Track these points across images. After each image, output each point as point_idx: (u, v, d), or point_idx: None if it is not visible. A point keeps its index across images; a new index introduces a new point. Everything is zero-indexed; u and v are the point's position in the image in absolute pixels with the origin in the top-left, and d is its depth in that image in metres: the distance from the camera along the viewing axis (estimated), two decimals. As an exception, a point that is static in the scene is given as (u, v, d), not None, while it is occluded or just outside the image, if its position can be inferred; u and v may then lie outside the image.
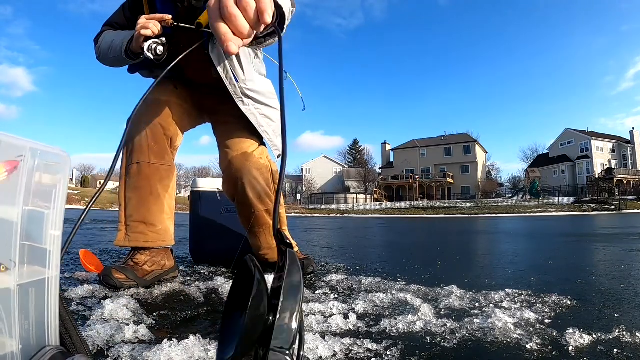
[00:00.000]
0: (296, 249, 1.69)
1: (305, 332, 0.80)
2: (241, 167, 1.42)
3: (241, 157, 1.44)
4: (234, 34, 0.54)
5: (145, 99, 1.33)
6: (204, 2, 1.20)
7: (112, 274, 1.19)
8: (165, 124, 1.38)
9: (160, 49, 1.12)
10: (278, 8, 0.66)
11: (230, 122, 1.49)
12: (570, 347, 0.74)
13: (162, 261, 1.35)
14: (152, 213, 1.34)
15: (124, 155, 1.35)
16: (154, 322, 0.89)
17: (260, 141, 1.52)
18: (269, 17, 0.55)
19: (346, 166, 55.02)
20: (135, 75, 1.44)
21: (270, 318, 0.35)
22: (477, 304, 1.06)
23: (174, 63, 0.91)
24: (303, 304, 1.00)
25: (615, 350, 0.72)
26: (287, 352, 0.34)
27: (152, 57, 1.11)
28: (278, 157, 1.49)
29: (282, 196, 1.59)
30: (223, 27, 0.54)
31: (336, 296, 1.16)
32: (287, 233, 1.69)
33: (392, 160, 50.85)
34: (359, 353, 0.72)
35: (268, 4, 0.55)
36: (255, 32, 0.58)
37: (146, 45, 1.09)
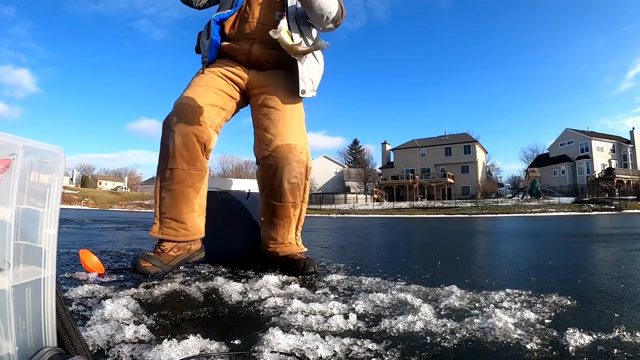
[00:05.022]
0: (305, 249, 1.70)
1: (305, 332, 0.79)
2: (284, 157, 1.51)
3: (285, 147, 1.52)
4: None
5: (180, 102, 1.43)
6: None
7: (139, 263, 1.31)
8: (198, 132, 1.44)
9: None
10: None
11: (279, 109, 1.57)
12: (570, 347, 0.73)
13: (187, 245, 1.47)
14: (183, 213, 1.46)
15: (160, 159, 1.46)
16: (154, 322, 0.89)
17: (305, 137, 1.62)
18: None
19: (346, 166, 54.98)
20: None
21: None
22: (477, 304, 1.05)
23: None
24: (303, 304, 1.00)
25: (615, 350, 0.72)
26: None
27: None
28: (302, 92, 1.58)
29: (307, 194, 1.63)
30: None
31: (336, 296, 1.16)
32: (300, 235, 1.70)
33: (392, 160, 50.80)
34: (359, 353, 0.72)
35: None
36: None
37: None
